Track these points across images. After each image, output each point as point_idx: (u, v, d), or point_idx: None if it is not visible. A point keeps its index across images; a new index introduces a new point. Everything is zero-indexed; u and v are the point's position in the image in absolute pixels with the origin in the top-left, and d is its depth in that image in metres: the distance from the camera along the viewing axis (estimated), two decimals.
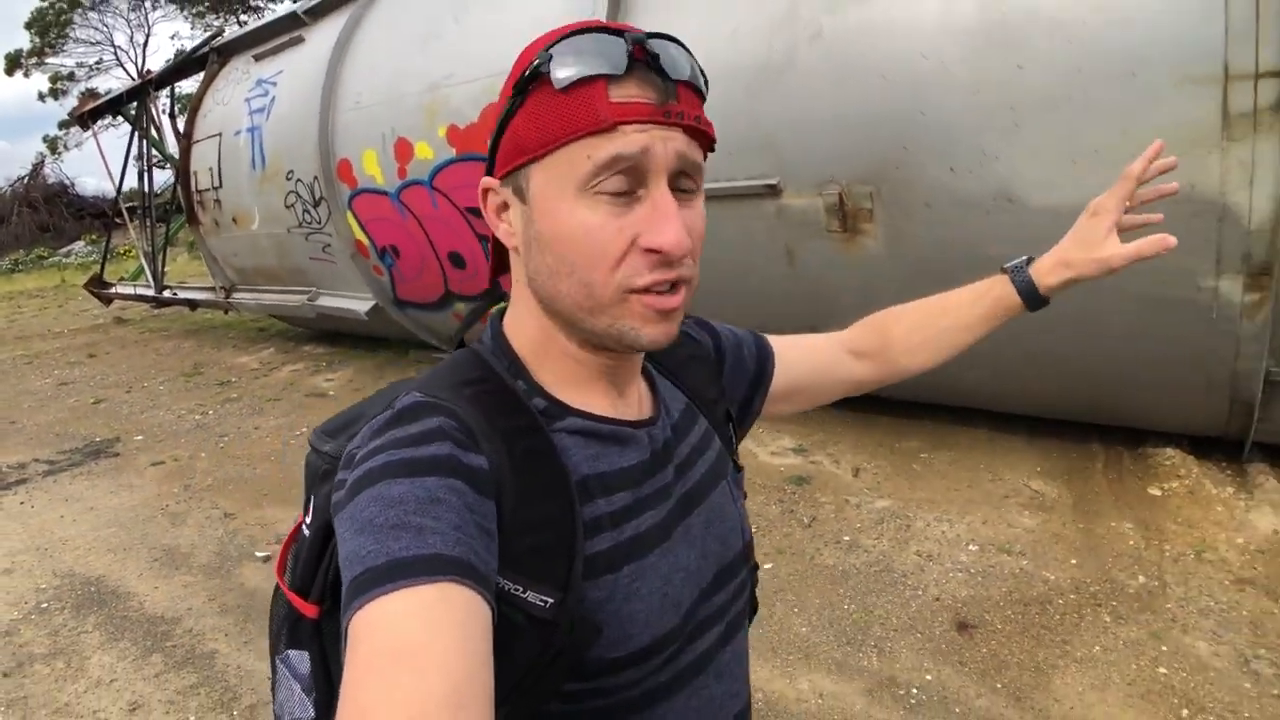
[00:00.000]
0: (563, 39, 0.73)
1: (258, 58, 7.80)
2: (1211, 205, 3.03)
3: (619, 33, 0.73)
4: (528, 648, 0.73)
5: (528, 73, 0.73)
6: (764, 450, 4.76)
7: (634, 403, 0.88)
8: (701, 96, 0.77)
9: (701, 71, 0.78)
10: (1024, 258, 1.11)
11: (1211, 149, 2.97)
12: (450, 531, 0.65)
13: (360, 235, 6.51)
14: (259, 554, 3.97)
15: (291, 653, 0.83)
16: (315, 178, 6.57)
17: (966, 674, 2.79)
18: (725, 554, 0.90)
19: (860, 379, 1.19)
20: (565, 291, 0.76)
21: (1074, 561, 3.36)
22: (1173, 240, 0.99)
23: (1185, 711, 2.56)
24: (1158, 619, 2.99)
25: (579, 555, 0.76)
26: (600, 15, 4.41)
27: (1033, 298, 1.08)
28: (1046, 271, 1.08)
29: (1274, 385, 3.41)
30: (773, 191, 3.93)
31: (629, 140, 0.71)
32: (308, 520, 0.83)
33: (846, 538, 3.72)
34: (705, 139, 0.77)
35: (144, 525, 4.45)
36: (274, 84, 7.31)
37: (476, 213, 5.38)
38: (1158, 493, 3.85)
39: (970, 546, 3.54)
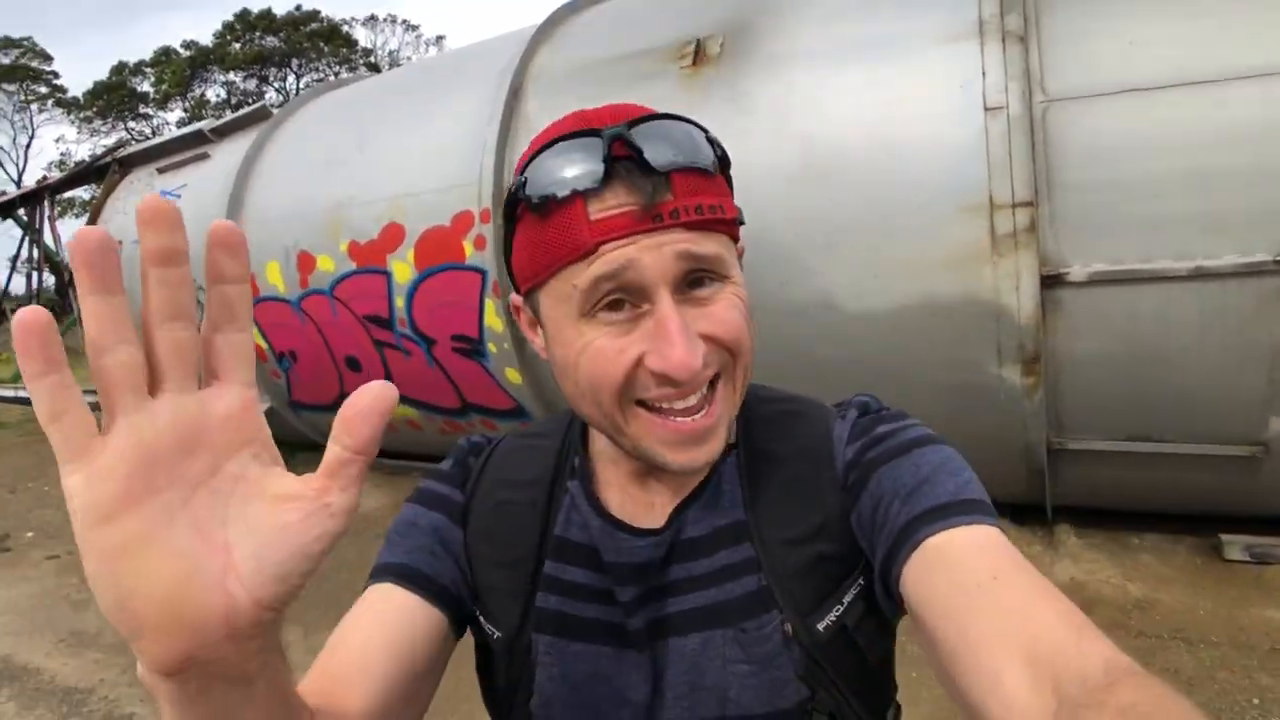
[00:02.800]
0: (537, 153, 0.69)
1: (161, 170, 8.09)
2: (989, 306, 3.73)
3: (597, 132, 0.66)
4: (497, 670, 0.82)
5: (507, 198, 0.71)
6: None
7: (657, 504, 0.81)
8: (711, 174, 0.69)
9: (713, 141, 0.70)
10: None
11: (985, 263, 3.71)
12: (411, 548, 0.81)
13: (260, 341, 6.80)
14: None
15: None
16: None
17: None
18: (681, 713, 0.76)
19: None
20: (587, 414, 0.74)
21: None
22: None
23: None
24: None
25: (533, 606, 0.78)
26: (490, 143, 5.03)
27: None
28: None
29: (1057, 454, 4.06)
30: None
31: (608, 260, 0.65)
32: None
33: None
34: (723, 223, 0.69)
35: (46, 612, 4.56)
36: (177, 196, 7.58)
37: (374, 320, 5.82)
38: None
39: None
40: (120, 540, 0.41)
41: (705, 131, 0.71)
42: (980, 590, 0.63)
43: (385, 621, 0.75)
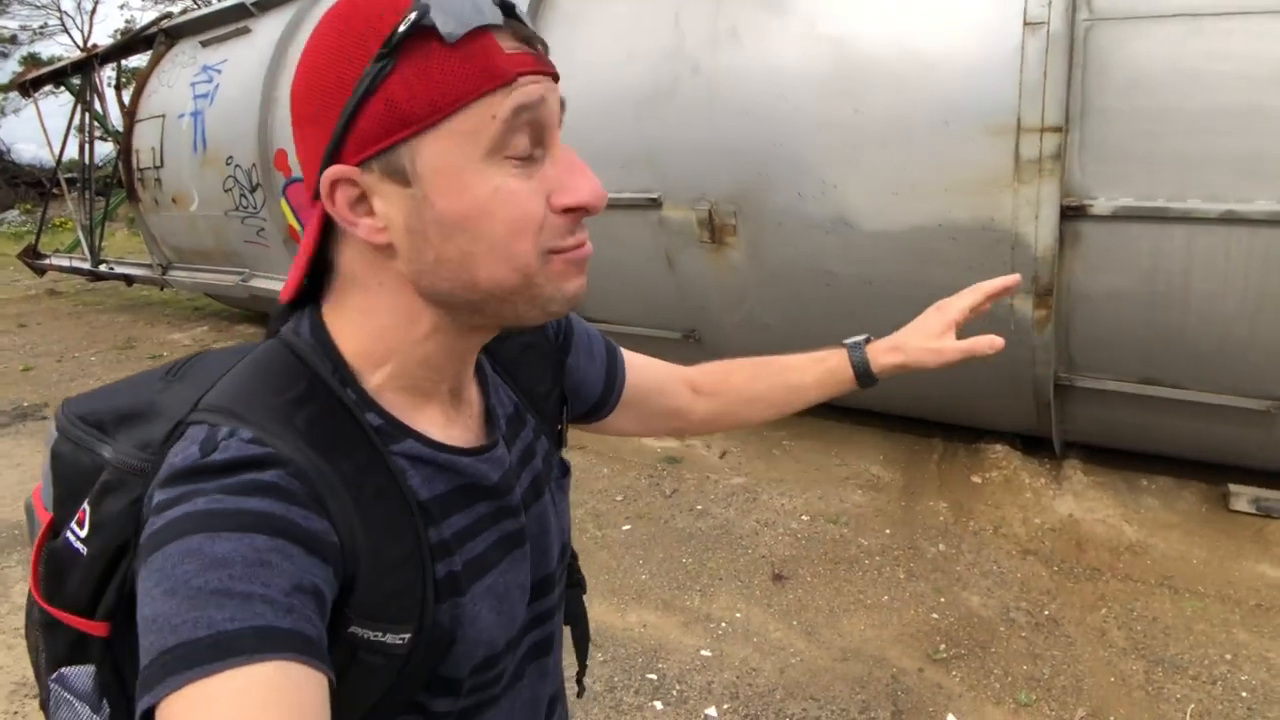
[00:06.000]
0: None
1: (204, 44, 8.03)
2: (1006, 235, 3.60)
3: None
4: (384, 680, 0.70)
5: (404, 28, 0.61)
6: None
7: (467, 416, 0.81)
8: None
9: None
10: (864, 336, 1.14)
11: (1006, 188, 3.54)
12: (282, 599, 0.57)
13: (293, 221, 6.84)
14: None
15: (68, 670, 0.70)
16: (254, 165, 6.88)
17: (770, 613, 3.33)
18: (546, 564, 0.87)
19: (690, 413, 1.14)
20: (487, 275, 0.67)
21: (888, 531, 3.92)
22: (1000, 341, 1.06)
23: (943, 646, 3.12)
24: (944, 578, 3.55)
25: (429, 585, 0.71)
26: None
27: (865, 374, 1.11)
28: (881, 352, 1.12)
29: (1064, 389, 3.98)
30: (654, 204, 4.46)
31: (527, 91, 0.64)
32: (80, 534, 0.69)
33: (699, 506, 4.24)
34: None
35: None
36: (219, 71, 7.58)
37: None
38: (978, 480, 4.41)
39: (803, 516, 4.09)
40: None
41: None
42: (654, 361, 1.13)
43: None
